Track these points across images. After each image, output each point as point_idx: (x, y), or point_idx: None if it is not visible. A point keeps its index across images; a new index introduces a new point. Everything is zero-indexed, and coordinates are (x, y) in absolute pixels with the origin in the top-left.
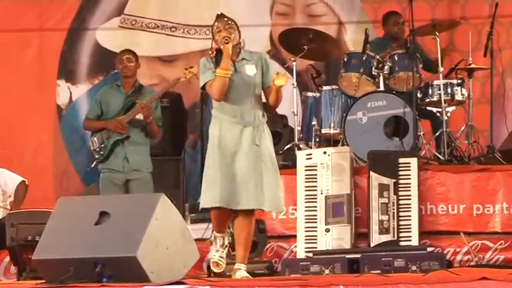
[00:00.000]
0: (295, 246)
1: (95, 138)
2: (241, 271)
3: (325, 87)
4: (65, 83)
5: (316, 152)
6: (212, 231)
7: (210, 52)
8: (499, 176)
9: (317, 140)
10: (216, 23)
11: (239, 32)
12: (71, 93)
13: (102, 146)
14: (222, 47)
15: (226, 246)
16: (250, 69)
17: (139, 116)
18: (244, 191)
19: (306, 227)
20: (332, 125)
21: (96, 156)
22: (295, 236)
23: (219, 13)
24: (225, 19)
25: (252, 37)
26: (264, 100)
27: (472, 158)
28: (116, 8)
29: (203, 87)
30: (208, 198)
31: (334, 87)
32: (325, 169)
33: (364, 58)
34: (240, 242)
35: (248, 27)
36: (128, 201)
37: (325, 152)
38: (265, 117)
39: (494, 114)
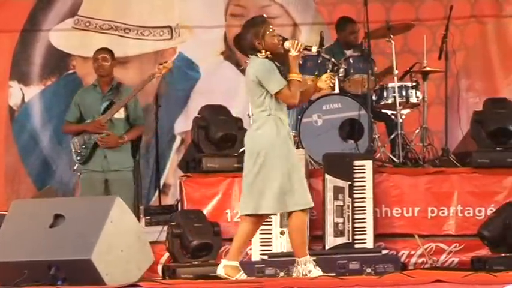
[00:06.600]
0: (250, 249)
1: (76, 140)
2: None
3: None
4: (17, 84)
5: None
6: None
7: (266, 55)
8: (454, 178)
9: None
10: (270, 26)
11: None
12: (23, 95)
13: (83, 147)
14: (296, 53)
15: None
16: None
17: (118, 115)
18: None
19: (260, 230)
20: None
21: (78, 158)
22: None
23: (265, 16)
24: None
25: (206, 38)
26: None
27: (427, 161)
28: (70, 9)
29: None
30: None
31: None
32: None
33: (319, 61)
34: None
35: (202, 29)
36: (82, 204)
37: None
38: None
39: (448, 117)
